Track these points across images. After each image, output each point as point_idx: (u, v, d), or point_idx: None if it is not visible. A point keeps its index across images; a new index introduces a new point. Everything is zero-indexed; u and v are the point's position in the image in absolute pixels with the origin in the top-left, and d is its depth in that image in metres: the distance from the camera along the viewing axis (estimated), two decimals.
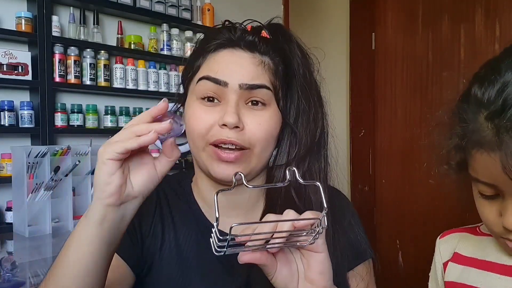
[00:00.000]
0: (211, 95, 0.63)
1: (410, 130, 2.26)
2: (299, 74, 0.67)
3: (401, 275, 2.27)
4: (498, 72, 0.50)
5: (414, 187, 2.23)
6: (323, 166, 0.68)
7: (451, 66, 2.09)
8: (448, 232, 0.73)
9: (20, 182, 1.53)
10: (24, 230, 1.52)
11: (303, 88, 0.67)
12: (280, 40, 0.68)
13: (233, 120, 0.59)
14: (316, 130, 0.67)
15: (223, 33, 0.66)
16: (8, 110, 1.64)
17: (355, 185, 2.49)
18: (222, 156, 0.61)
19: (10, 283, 1.04)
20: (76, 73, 1.82)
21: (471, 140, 0.51)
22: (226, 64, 0.63)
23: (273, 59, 0.65)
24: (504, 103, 0.47)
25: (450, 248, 0.70)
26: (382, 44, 2.38)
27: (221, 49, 0.65)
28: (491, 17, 1.95)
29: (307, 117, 0.66)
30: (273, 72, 0.65)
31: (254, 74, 0.63)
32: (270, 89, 0.64)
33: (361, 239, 0.72)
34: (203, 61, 0.65)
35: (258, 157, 0.64)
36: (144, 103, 2.09)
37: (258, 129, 0.62)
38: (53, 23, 1.75)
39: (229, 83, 0.62)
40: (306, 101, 0.67)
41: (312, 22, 2.66)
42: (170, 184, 0.74)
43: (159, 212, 0.70)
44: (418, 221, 2.20)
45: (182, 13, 2.16)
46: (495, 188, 0.52)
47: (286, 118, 0.66)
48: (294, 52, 0.67)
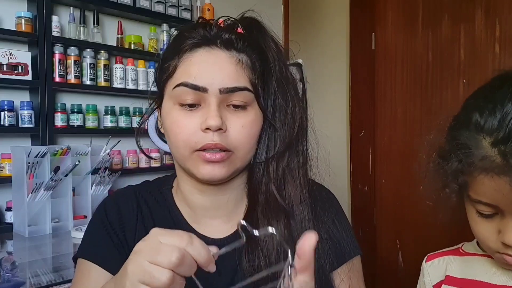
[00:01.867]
0: (190, 102, 0.61)
1: (410, 130, 2.26)
2: (275, 69, 0.66)
3: (401, 275, 2.27)
4: (495, 102, 0.55)
5: (414, 187, 2.22)
6: (302, 161, 0.67)
7: (451, 66, 2.09)
8: (434, 256, 0.75)
9: (20, 182, 1.53)
10: (24, 230, 1.52)
11: (279, 83, 0.66)
12: (254, 35, 0.66)
13: (216, 123, 0.59)
14: (294, 125, 0.66)
15: (198, 30, 0.64)
16: (8, 110, 1.64)
17: (355, 185, 2.49)
18: (207, 157, 0.60)
19: (10, 283, 1.04)
20: (76, 73, 1.82)
21: (474, 164, 0.54)
22: (204, 66, 0.61)
23: (250, 56, 0.64)
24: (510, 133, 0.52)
25: (439, 270, 0.72)
26: (382, 44, 2.38)
27: (197, 48, 0.63)
28: (491, 17, 1.95)
29: (285, 112, 0.66)
30: (251, 70, 0.64)
31: (234, 75, 0.61)
32: (250, 90, 0.63)
33: (346, 237, 0.70)
34: (179, 62, 0.64)
35: (242, 159, 0.64)
36: (144, 103, 2.09)
37: (241, 132, 0.62)
38: (53, 23, 1.75)
39: (208, 88, 0.60)
40: (283, 96, 0.66)
41: (312, 22, 2.66)
42: (151, 191, 0.73)
43: (141, 220, 0.69)
44: (418, 221, 2.20)
45: (182, 13, 2.16)
46: (495, 208, 0.55)
47: (266, 115, 0.65)
48: (269, 46, 0.66)
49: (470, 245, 0.72)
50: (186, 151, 0.62)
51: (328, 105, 2.48)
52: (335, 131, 2.43)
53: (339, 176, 0.64)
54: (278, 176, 0.65)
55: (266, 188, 0.65)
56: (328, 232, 0.68)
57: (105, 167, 1.71)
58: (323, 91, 2.49)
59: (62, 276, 1.12)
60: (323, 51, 2.55)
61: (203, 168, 0.61)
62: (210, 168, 0.61)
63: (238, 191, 0.70)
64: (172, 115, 0.63)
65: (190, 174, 0.66)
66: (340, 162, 2.45)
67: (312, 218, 0.65)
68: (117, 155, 1.93)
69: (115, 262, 0.58)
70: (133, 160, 2.00)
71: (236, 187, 0.69)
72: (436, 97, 2.15)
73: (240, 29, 0.66)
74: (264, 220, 0.64)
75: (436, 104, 2.14)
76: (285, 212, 0.64)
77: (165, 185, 0.74)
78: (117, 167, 1.92)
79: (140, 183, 0.76)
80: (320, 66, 2.53)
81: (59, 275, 1.12)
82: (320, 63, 2.52)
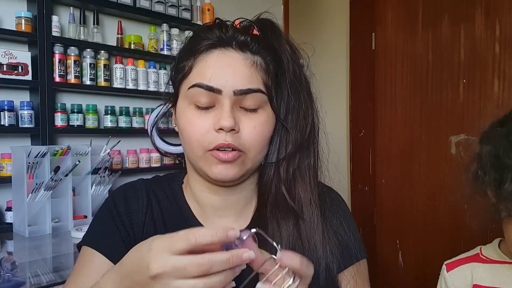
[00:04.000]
0: (204, 103, 0.62)
1: (410, 130, 2.26)
2: (289, 71, 0.66)
3: (401, 275, 2.27)
4: None
5: (414, 187, 2.23)
6: (312, 163, 0.67)
7: (451, 66, 2.09)
8: (455, 264, 0.74)
9: (20, 182, 1.53)
10: (24, 230, 1.52)
11: (293, 85, 0.66)
12: (269, 37, 0.67)
13: (229, 124, 0.59)
14: (306, 127, 0.66)
15: (213, 31, 0.64)
16: (8, 110, 1.63)
17: (355, 185, 2.49)
18: (221, 156, 0.61)
19: (10, 283, 1.04)
20: (76, 73, 1.82)
21: None
22: (219, 68, 0.62)
23: (264, 58, 0.65)
24: None
25: (465, 279, 0.71)
26: (382, 44, 2.38)
27: (213, 49, 0.63)
28: (491, 17, 1.95)
29: (297, 114, 0.66)
30: (265, 72, 0.64)
31: (248, 77, 0.62)
32: (264, 92, 0.63)
33: (354, 239, 0.71)
34: (194, 63, 0.64)
35: (253, 160, 0.64)
36: (144, 103, 2.09)
37: (253, 133, 0.62)
38: (53, 23, 1.75)
39: (223, 90, 0.61)
40: (296, 97, 0.66)
41: (312, 22, 2.66)
42: (162, 186, 0.73)
43: (151, 214, 0.70)
44: (418, 221, 2.20)
45: (182, 13, 2.16)
46: None
47: (278, 116, 0.66)
48: (283, 48, 0.67)
49: (490, 249, 0.71)
50: (199, 150, 0.63)
51: (328, 105, 2.47)
52: (335, 131, 2.43)
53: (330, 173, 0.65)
54: (288, 177, 0.66)
55: (276, 189, 0.66)
56: (336, 234, 0.68)
57: (105, 167, 1.71)
58: (323, 91, 2.48)
59: (62, 276, 1.12)
60: (323, 51, 2.55)
61: (215, 168, 0.62)
62: (222, 168, 0.62)
63: (248, 191, 0.70)
64: (186, 114, 0.64)
65: (202, 174, 0.66)
66: (340, 162, 2.45)
67: (321, 220, 0.65)
68: (117, 155, 1.93)
69: (120, 253, 0.58)
70: (133, 160, 2.00)
71: (246, 188, 0.70)
72: (436, 97, 2.15)
73: (255, 31, 0.66)
74: (273, 220, 0.65)
75: (436, 104, 2.15)
76: (294, 212, 0.65)
77: (175, 180, 0.75)
78: (117, 167, 1.92)
79: (151, 178, 0.77)
80: (320, 66, 2.53)
81: (59, 275, 1.12)
82: (320, 63, 2.53)
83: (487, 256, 0.70)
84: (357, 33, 2.46)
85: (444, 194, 2.08)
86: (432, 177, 2.15)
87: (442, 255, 0.82)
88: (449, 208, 2.03)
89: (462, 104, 2.05)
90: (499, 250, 0.69)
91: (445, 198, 2.07)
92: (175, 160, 1.99)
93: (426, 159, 2.18)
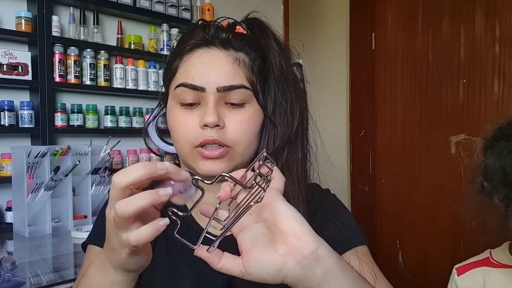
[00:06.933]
0: (190, 101, 0.64)
1: (410, 130, 2.26)
2: (276, 67, 0.67)
3: (401, 275, 2.27)
4: None
5: (414, 187, 2.23)
6: (300, 157, 0.68)
7: (451, 66, 2.09)
8: (465, 268, 0.73)
9: (20, 182, 1.53)
10: (24, 230, 1.52)
11: (279, 80, 0.67)
12: (256, 34, 0.68)
13: (213, 119, 0.61)
14: (293, 122, 0.67)
15: (197, 32, 0.66)
16: (8, 110, 1.64)
17: (355, 185, 2.49)
18: (206, 154, 0.62)
19: (10, 283, 1.04)
20: (76, 73, 1.82)
21: None
22: (202, 66, 0.63)
23: (248, 54, 0.66)
24: None
25: (477, 284, 0.71)
26: (382, 44, 2.38)
27: (197, 49, 0.65)
28: (491, 17, 1.95)
29: (284, 109, 0.67)
30: (249, 68, 0.65)
31: (231, 74, 0.63)
32: (248, 88, 0.64)
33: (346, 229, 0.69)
34: (180, 63, 0.66)
35: (241, 155, 0.65)
36: (144, 103, 2.09)
37: (238, 128, 0.63)
38: (53, 23, 1.75)
39: (206, 88, 0.62)
40: (283, 93, 0.67)
41: (312, 22, 2.66)
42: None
43: None
44: (418, 221, 2.20)
45: (182, 13, 2.16)
46: None
47: (265, 111, 0.67)
48: (270, 45, 0.68)
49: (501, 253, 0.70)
50: (187, 148, 0.64)
51: (328, 105, 2.48)
52: (335, 131, 2.44)
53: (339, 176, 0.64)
54: None
55: None
56: (322, 229, 0.67)
57: (105, 167, 1.71)
58: (323, 91, 2.49)
59: (62, 276, 1.12)
60: (323, 51, 2.55)
61: (202, 164, 0.63)
62: (210, 164, 0.63)
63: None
64: (174, 113, 0.66)
65: (192, 171, 0.66)
66: (340, 162, 2.45)
67: (307, 214, 0.65)
68: (117, 155, 1.93)
69: None
70: (133, 160, 2.00)
71: None
72: (436, 97, 2.15)
73: (240, 29, 0.68)
74: None
75: (436, 104, 2.14)
76: None
77: None
78: (117, 167, 1.92)
79: None
80: (320, 66, 2.53)
81: (59, 275, 1.12)
82: (320, 63, 2.53)
83: (498, 261, 0.69)
84: (357, 33, 2.46)
85: (444, 194, 2.08)
86: (432, 177, 2.14)
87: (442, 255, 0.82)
88: (449, 208, 2.03)
89: (462, 104, 2.05)
90: (509, 254, 0.68)
91: (445, 198, 2.07)
92: (174, 160, 1.99)
93: (426, 159, 2.18)
